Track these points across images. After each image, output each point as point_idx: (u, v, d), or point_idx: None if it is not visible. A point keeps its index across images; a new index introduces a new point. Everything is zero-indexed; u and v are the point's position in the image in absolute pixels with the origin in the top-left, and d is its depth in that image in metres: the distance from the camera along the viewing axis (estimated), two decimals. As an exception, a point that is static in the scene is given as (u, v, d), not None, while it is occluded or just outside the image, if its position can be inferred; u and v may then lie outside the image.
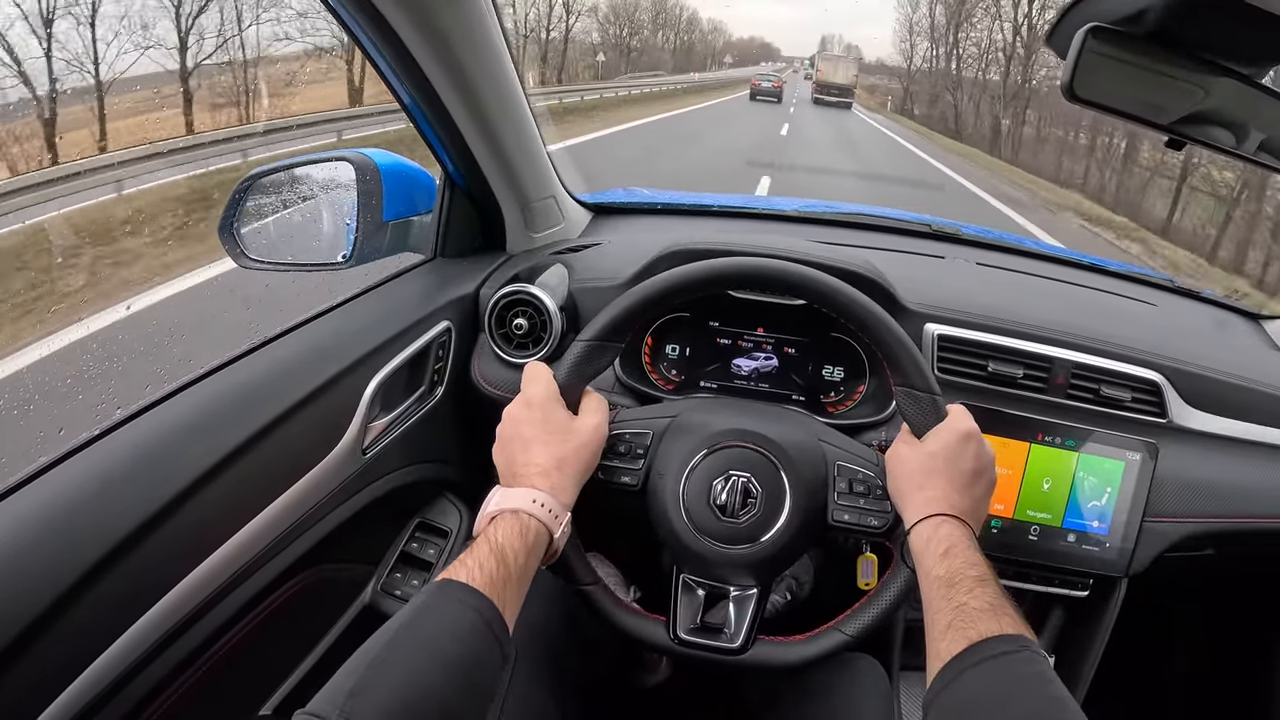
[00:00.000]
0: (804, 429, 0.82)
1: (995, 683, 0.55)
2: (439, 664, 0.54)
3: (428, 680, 0.53)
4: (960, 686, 0.56)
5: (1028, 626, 0.59)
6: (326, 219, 1.07)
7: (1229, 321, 1.32)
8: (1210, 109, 0.97)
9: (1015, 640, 0.57)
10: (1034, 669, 0.55)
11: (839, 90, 32.46)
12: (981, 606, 0.60)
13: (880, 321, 0.76)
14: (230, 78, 7.01)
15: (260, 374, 0.80)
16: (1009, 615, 0.59)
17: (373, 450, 0.90)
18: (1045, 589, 1.00)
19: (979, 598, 0.60)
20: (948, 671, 0.57)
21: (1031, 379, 0.98)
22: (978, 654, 0.56)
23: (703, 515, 0.76)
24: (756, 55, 73.98)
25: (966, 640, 0.57)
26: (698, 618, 0.78)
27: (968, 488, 0.70)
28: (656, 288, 0.78)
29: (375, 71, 0.90)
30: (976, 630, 0.58)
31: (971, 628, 0.58)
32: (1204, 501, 0.99)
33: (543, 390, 0.74)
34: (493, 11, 0.88)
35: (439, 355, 0.98)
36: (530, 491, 0.67)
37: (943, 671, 0.57)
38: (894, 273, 1.00)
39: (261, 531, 0.74)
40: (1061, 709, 0.52)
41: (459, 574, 0.60)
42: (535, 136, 1.03)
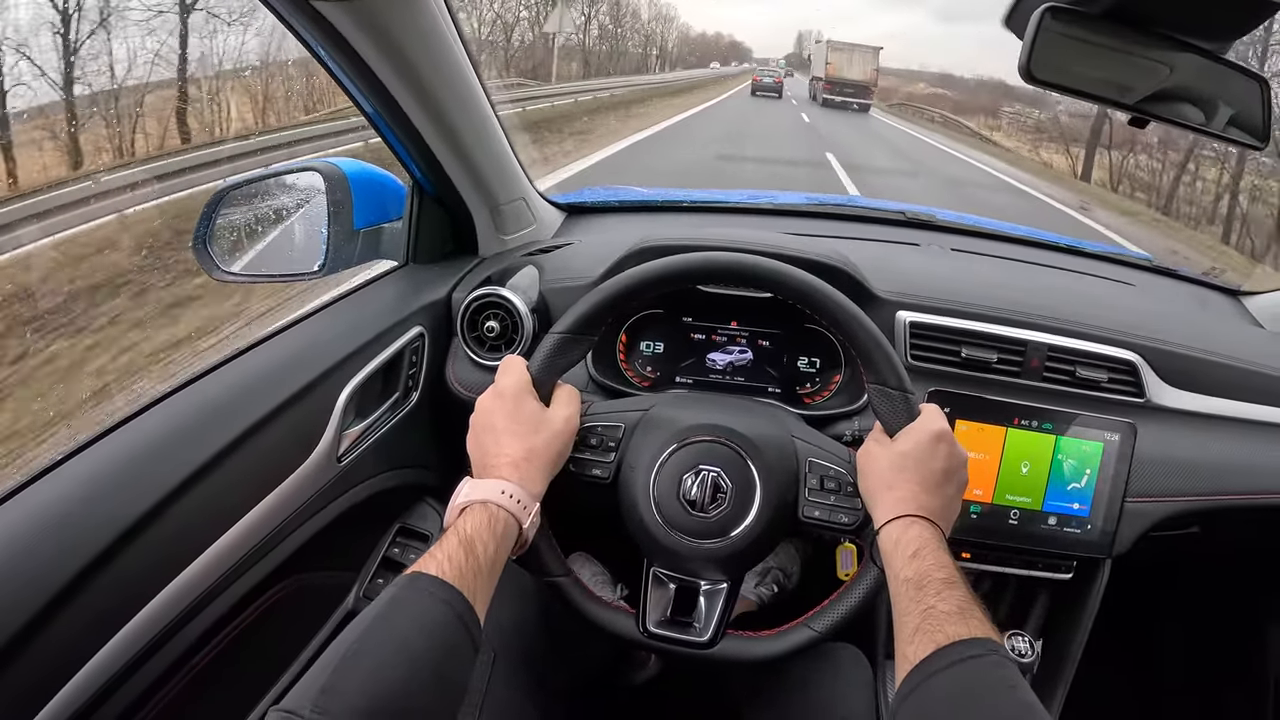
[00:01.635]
0: (776, 424, 0.82)
1: (962, 687, 0.55)
2: (409, 657, 0.55)
3: (398, 673, 0.53)
4: (927, 691, 0.56)
5: (996, 629, 0.59)
6: (299, 229, 1.07)
7: (1208, 299, 1.31)
8: (1176, 86, 0.97)
9: (983, 644, 0.57)
10: (1001, 673, 0.55)
11: (855, 89, 26.58)
12: (950, 610, 0.60)
13: (852, 317, 0.76)
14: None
15: (233, 385, 0.81)
16: (977, 618, 0.59)
17: (348, 458, 0.90)
18: (1029, 573, 1.00)
19: (947, 600, 0.61)
20: (915, 675, 0.57)
21: (1006, 363, 0.98)
22: (945, 658, 0.56)
23: (673, 509, 0.76)
24: (724, 54, 68.06)
25: (934, 644, 0.57)
26: (667, 611, 0.79)
27: (938, 488, 0.70)
28: (626, 282, 0.78)
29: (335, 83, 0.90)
30: (944, 634, 0.58)
31: (939, 631, 0.58)
32: (1185, 480, 0.98)
33: (515, 381, 0.74)
34: (448, 18, 0.88)
35: (412, 360, 0.98)
36: (499, 483, 0.68)
37: (910, 675, 0.58)
38: (867, 261, 1.00)
39: (239, 541, 0.75)
40: (1028, 713, 0.52)
41: (429, 567, 0.60)
42: (501, 140, 1.03)
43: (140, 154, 5.45)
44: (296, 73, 7.83)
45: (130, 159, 5.32)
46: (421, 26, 0.83)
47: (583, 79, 25.24)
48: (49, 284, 2.91)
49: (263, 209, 1.08)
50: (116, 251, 3.38)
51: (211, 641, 0.77)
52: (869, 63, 27.64)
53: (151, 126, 5.77)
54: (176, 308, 3.03)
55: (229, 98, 7.25)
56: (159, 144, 5.75)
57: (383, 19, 0.78)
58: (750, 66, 55.09)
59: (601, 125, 13.07)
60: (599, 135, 11.73)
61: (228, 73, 7.39)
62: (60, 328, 2.72)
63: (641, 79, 29.33)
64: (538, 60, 24.81)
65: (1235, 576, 1.33)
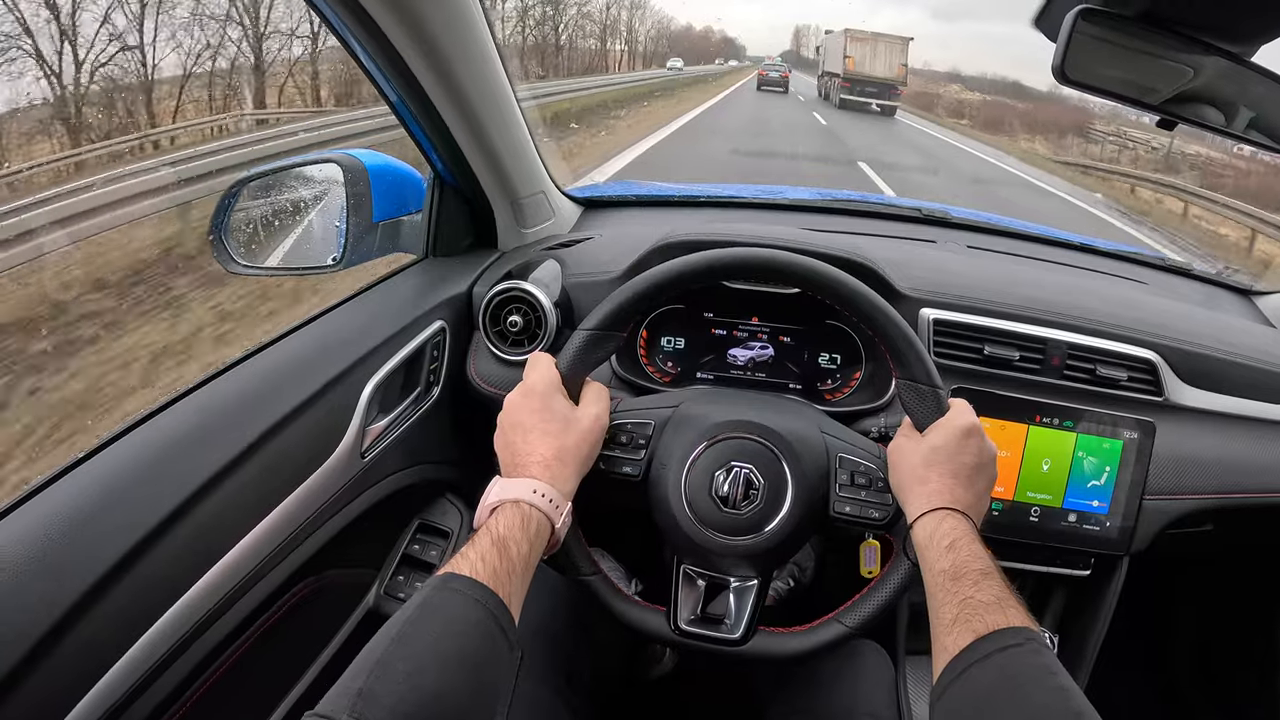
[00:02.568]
0: (805, 420, 0.82)
1: (1003, 675, 0.55)
2: (447, 660, 0.54)
3: (436, 676, 0.53)
4: (968, 680, 0.56)
5: (1033, 619, 0.59)
6: (316, 222, 1.06)
7: (1220, 298, 1.32)
8: (1200, 88, 0.97)
9: (1021, 633, 0.57)
10: (1040, 661, 0.55)
11: (879, 87, 21.64)
12: (988, 600, 0.60)
13: (883, 314, 0.76)
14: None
15: (254, 382, 0.80)
16: (1015, 608, 0.59)
17: (371, 453, 0.89)
18: (1047, 569, 1.00)
19: (985, 591, 0.60)
20: (955, 665, 0.57)
21: (1028, 361, 0.99)
22: (985, 647, 0.56)
23: (704, 506, 0.76)
24: (713, 52, 61.08)
25: (974, 633, 0.57)
26: (698, 609, 0.78)
27: (970, 482, 0.70)
28: (658, 278, 0.77)
29: (363, 72, 0.89)
30: (984, 623, 0.58)
31: (979, 620, 0.58)
32: (1202, 478, 0.99)
33: (544, 379, 0.74)
34: (480, 12, 0.87)
35: (434, 355, 0.97)
36: (530, 481, 0.67)
37: (950, 665, 0.57)
38: (886, 258, 1.00)
39: (264, 540, 0.74)
40: (1067, 699, 0.52)
41: (462, 567, 0.59)
42: (524, 132, 1.02)
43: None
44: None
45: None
46: (454, 15, 0.82)
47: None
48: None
49: (281, 201, 1.07)
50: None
51: (237, 641, 0.76)
52: (896, 56, 22.18)
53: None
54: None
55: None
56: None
57: (417, 7, 0.77)
58: (737, 65, 52.35)
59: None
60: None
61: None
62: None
63: (601, 80, 22.71)
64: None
65: (1250, 573, 1.34)
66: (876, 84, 21.82)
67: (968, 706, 0.55)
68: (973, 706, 0.55)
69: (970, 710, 0.55)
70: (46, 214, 3.60)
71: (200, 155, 5.09)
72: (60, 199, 3.85)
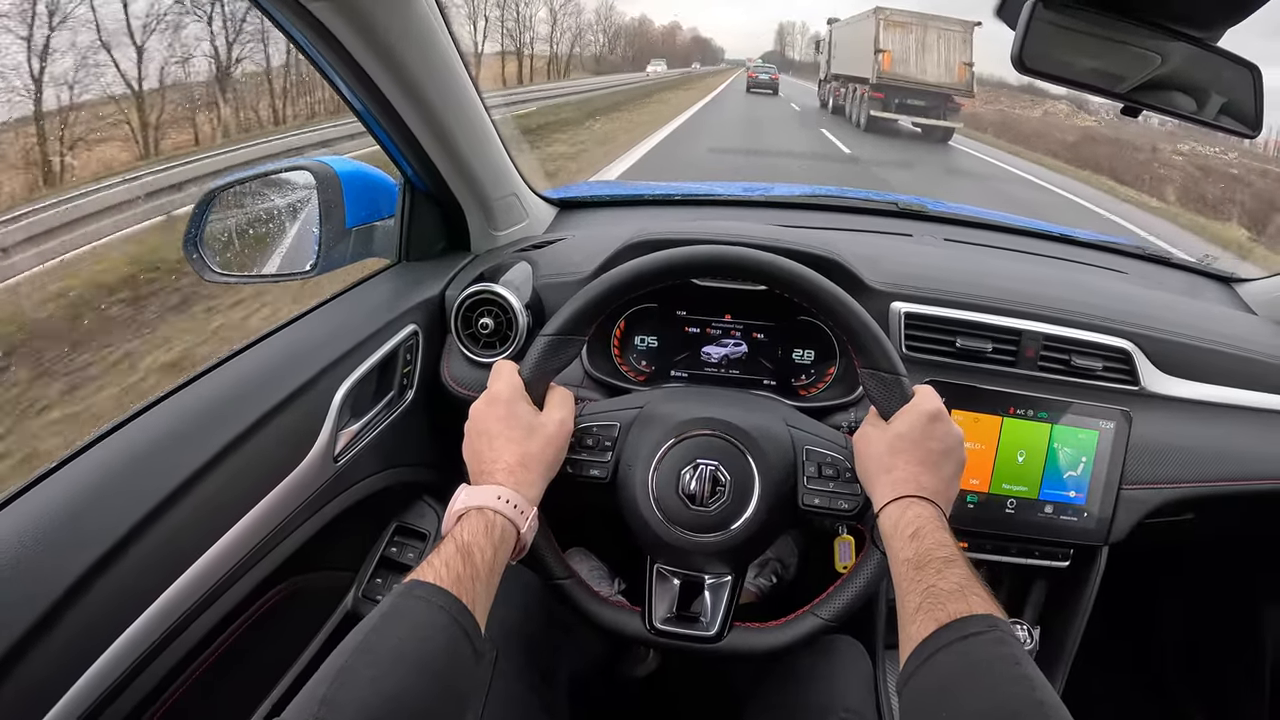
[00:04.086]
0: (771, 414, 0.82)
1: (965, 664, 0.55)
2: (409, 666, 0.54)
3: (397, 682, 0.53)
4: (931, 669, 0.56)
5: (998, 605, 0.59)
6: (290, 228, 1.07)
7: (1201, 286, 1.32)
8: (1168, 75, 0.97)
9: (984, 620, 0.56)
10: (1004, 649, 0.55)
11: (929, 98, 14.14)
12: (950, 588, 0.60)
13: (841, 304, 0.76)
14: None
15: (227, 387, 0.80)
16: (978, 595, 0.59)
17: (345, 457, 0.89)
18: (1026, 561, 1.00)
19: (948, 579, 0.60)
20: (918, 654, 0.57)
21: (1001, 353, 0.98)
22: (947, 636, 0.56)
23: (673, 505, 0.76)
24: (688, 53, 58.85)
25: (936, 622, 0.57)
26: (673, 607, 0.79)
27: (936, 468, 0.70)
28: (617, 280, 0.77)
29: (326, 82, 0.90)
30: (946, 612, 0.58)
31: (941, 609, 0.58)
32: (1179, 467, 0.99)
33: (507, 386, 0.74)
34: (439, 15, 0.87)
35: (407, 359, 0.97)
36: (495, 488, 0.68)
37: (913, 654, 0.57)
38: (859, 252, 1.00)
39: (237, 544, 0.74)
40: (1030, 687, 0.52)
41: (426, 574, 0.60)
42: (492, 135, 1.02)
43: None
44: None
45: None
46: (411, 23, 0.82)
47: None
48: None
49: (254, 209, 1.07)
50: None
51: (212, 645, 0.77)
52: (955, 50, 14.45)
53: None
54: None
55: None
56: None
57: (372, 16, 0.78)
58: (708, 69, 50.62)
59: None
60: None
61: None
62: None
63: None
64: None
65: (1231, 561, 1.34)
66: (926, 92, 14.15)
67: (930, 695, 0.55)
68: (935, 695, 0.55)
69: (932, 699, 0.55)
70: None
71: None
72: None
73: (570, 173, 7.86)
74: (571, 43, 36.85)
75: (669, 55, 54.40)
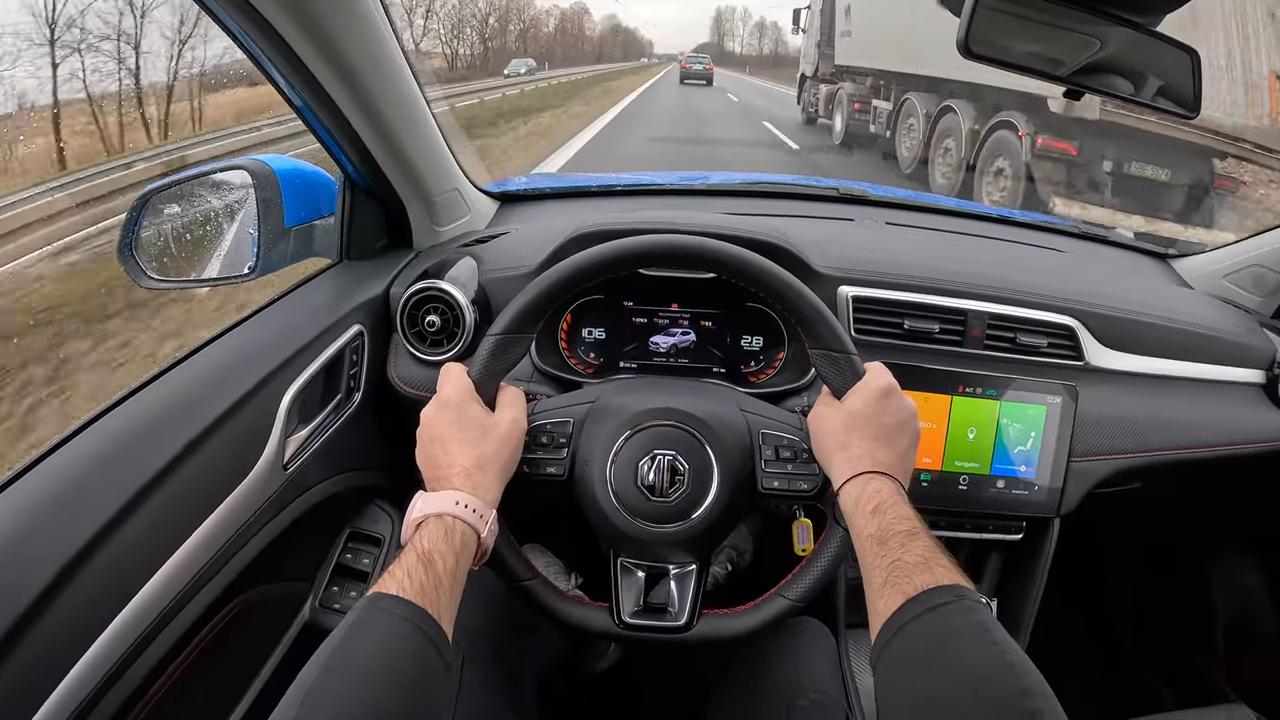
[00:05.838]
0: (725, 401, 0.82)
1: (935, 635, 0.55)
2: (377, 681, 0.53)
3: (367, 699, 0.52)
4: (902, 642, 0.56)
5: (963, 575, 0.59)
6: (228, 230, 1.04)
7: (1137, 263, 1.35)
8: (1107, 58, 0.99)
9: (951, 590, 0.57)
10: (972, 617, 0.55)
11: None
12: (915, 560, 0.60)
13: (790, 287, 0.76)
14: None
15: (170, 399, 0.77)
16: (943, 566, 0.60)
17: (295, 464, 0.87)
18: (980, 536, 1.02)
19: (912, 552, 0.61)
20: (888, 628, 0.57)
21: (948, 333, 1.00)
22: (915, 608, 0.57)
23: (632, 497, 0.75)
24: (591, 52, 46.73)
25: (903, 595, 0.58)
26: (640, 600, 0.78)
27: (891, 442, 0.71)
28: (563, 273, 0.77)
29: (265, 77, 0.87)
30: (912, 584, 0.58)
31: (907, 582, 0.58)
32: (1124, 438, 1.01)
33: (456, 389, 0.73)
34: (380, 8, 0.85)
35: (353, 360, 0.95)
36: (453, 494, 0.66)
37: (883, 629, 0.58)
38: (804, 238, 1.00)
39: (189, 561, 0.72)
40: (1001, 653, 0.53)
41: (389, 586, 0.59)
42: (433, 130, 1.00)
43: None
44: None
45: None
46: (353, 15, 0.80)
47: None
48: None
49: (190, 211, 1.04)
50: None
51: (169, 668, 0.74)
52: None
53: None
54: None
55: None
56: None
57: (313, 8, 0.75)
58: (626, 66, 45.64)
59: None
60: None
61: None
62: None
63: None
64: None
65: (1179, 527, 1.38)
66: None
67: (902, 668, 0.56)
68: (908, 668, 0.55)
69: (905, 672, 0.55)
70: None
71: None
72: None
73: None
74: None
75: (563, 51, 42.23)
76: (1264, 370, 1.11)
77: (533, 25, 43.86)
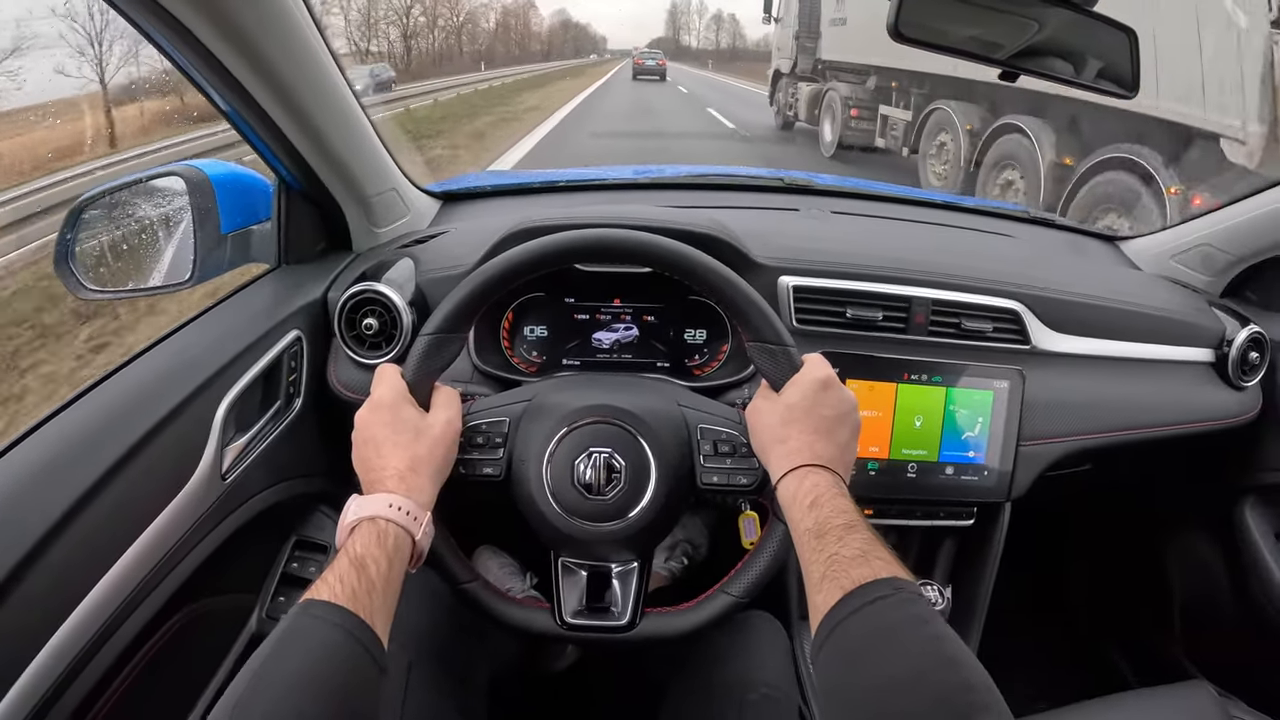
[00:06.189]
0: (662, 396, 0.81)
1: (873, 630, 0.54)
2: (310, 692, 0.52)
3: (298, 709, 0.51)
4: (840, 637, 0.55)
5: (903, 567, 0.59)
6: (164, 238, 1.02)
7: (1086, 245, 1.36)
8: (1046, 41, 0.99)
9: (889, 584, 0.56)
10: (911, 610, 0.55)
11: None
12: (852, 554, 0.59)
13: (723, 279, 0.75)
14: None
15: (100, 414, 0.76)
16: (881, 559, 0.59)
17: (234, 473, 0.86)
18: (932, 523, 1.02)
19: (849, 545, 0.60)
20: (826, 624, 0.57)
21: (892, 320, 0.99)
22: (853, 603, 0.56)
23: (570, 496, 0.74)
24: (540, 50, 43.91)
25: (841, 590, 0.57)
26: (582, 599, 0.77)
27: (830, 435, 0.70)
28: (492, 272, 0.75)
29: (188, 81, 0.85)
30: (850, 578, 0.57)
31: (845, 576, 0.58)
32: (1074, 420, 1.02)
33: (390, 390, 0.72)
34: (301, 5, 0.83)
35: (292, 366, 0.94)
36: (386, 496, 0.66)
37: (822, 624, 0.57)
38: (746, 229, 1.00)
39: (127, 575, 0.70)
40: (941, 646, 0.52)
41: (321, 592, 0.58)
42: (366, 129, 0.99)
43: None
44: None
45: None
46: (273, 16, 0.78)
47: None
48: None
49: (126, 220, 1.02)
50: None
51: (114, 683, 0.73)
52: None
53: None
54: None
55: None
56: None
57: (231, 10, 0.73)
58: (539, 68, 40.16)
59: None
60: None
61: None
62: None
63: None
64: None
65: (1134, 508, 1.39)
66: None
67: (841, 664, 0.55)
68: (846, 664, 0.55)
69: (843, 668, 0.55)
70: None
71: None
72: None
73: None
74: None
75: (505, 50, 38.55)
76: (1213, 349, 1.12)
77: (469, 21, 40.32)
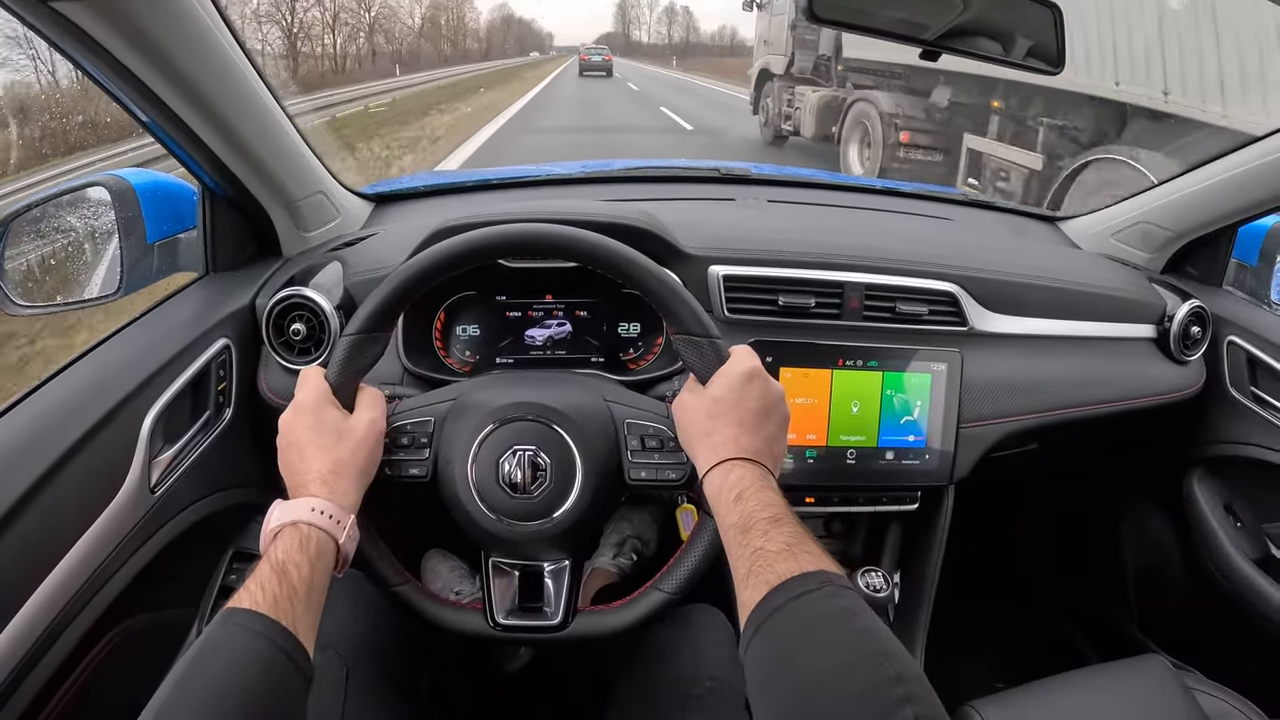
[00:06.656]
0: (588, 392, 0.80)
1: (799, 625, 0.54)
2: (228, 700, 0.51)
3: (219, 718, 0.50)
4: (767, 634, 0.54)
5: (830, 559, 0.58)
6: (91, 250, 1.01)
7: (1026, 226, 1.36)
8: (973, 21, 0.98)
9: (816, 577, 0.55)
10: (838, 604, 0.54)
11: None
12: (778, 548, 0.58)
13: (644, 270, 0.74)
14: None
15: (20, 431, 0.74)
16: (808, 552, 0.58)
17: (163, 486, 0.84)
18: (875, 509, 1.02)
19: (774, 539, 0.59)
20: (753, 620, 0.56)
21: (825, 306, 0.99)
22: (779, 598, 0.55)
23: (496, 496, 0.74)
24: (479, 49, 39.63)
25: (767, 585, 0.56)
26: (515, 600, 0.77)
27: (756, 427, 0.69)
28: (413, 270, 0.74)
29: (101, 90, 0.84)
30: (775, 573, 0.56)
31: (770, 571, 0.57)
32: (1015, 400, 1.02)
33: (312, 393, 0.71)
34: (211, 9, 0.82)
35: (221, 375, 0.93)
36: (309, 500, 0.65)
37: (749, 620, 0.56)
38: (678, 220, 0.99)
39: (54, 596, 0.69)
40: (868, 640, 0.51)
41: (243, 600, 0.57)
42: (288, 133, 0.97)
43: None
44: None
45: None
46: (180, 21, 0.76)
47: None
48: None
49: (52, 233, 1.01)
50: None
51: (48, 705, 0.72)
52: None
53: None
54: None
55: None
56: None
57: (135, 17, 0.72)
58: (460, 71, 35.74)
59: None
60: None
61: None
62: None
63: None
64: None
65: (1083, 485, 1.39)
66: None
67: (768, 661, 0.54)
68: (773, 661, 0.54)
69: (771, 665, 0.54)
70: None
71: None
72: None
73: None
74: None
75: (435, 48, 35.92)
76: (1154, 324, 1.13)
77: (385, 16, 37.95)
